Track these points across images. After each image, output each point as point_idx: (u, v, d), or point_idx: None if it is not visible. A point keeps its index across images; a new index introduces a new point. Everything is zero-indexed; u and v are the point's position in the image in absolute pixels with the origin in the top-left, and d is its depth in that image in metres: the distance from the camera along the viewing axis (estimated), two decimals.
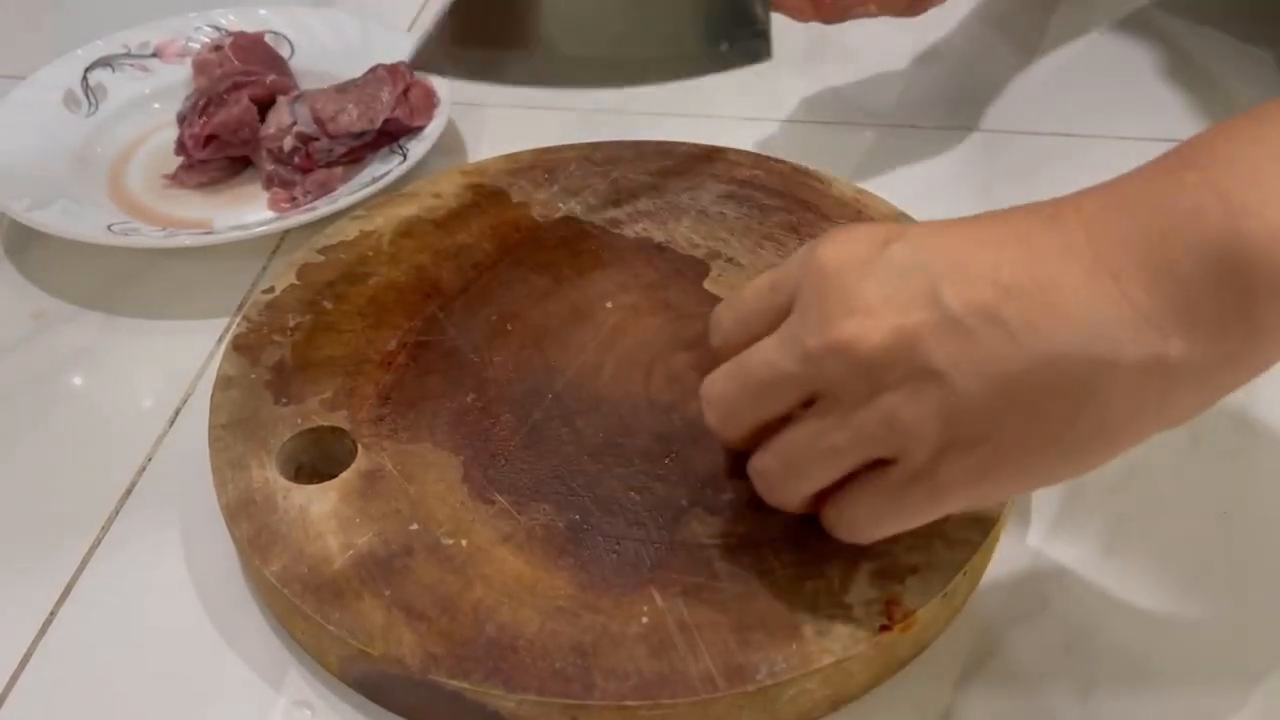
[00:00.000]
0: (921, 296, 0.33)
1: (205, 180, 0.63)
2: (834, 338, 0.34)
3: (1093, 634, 0.42)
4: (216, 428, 0.45)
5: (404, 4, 0.78)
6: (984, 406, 0.33)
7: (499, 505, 0.42)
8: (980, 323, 0.32)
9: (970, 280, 0.33)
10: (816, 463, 0.37)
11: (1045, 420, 0.33)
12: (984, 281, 0.33)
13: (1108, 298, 0.32)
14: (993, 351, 0.32)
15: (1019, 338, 0.32)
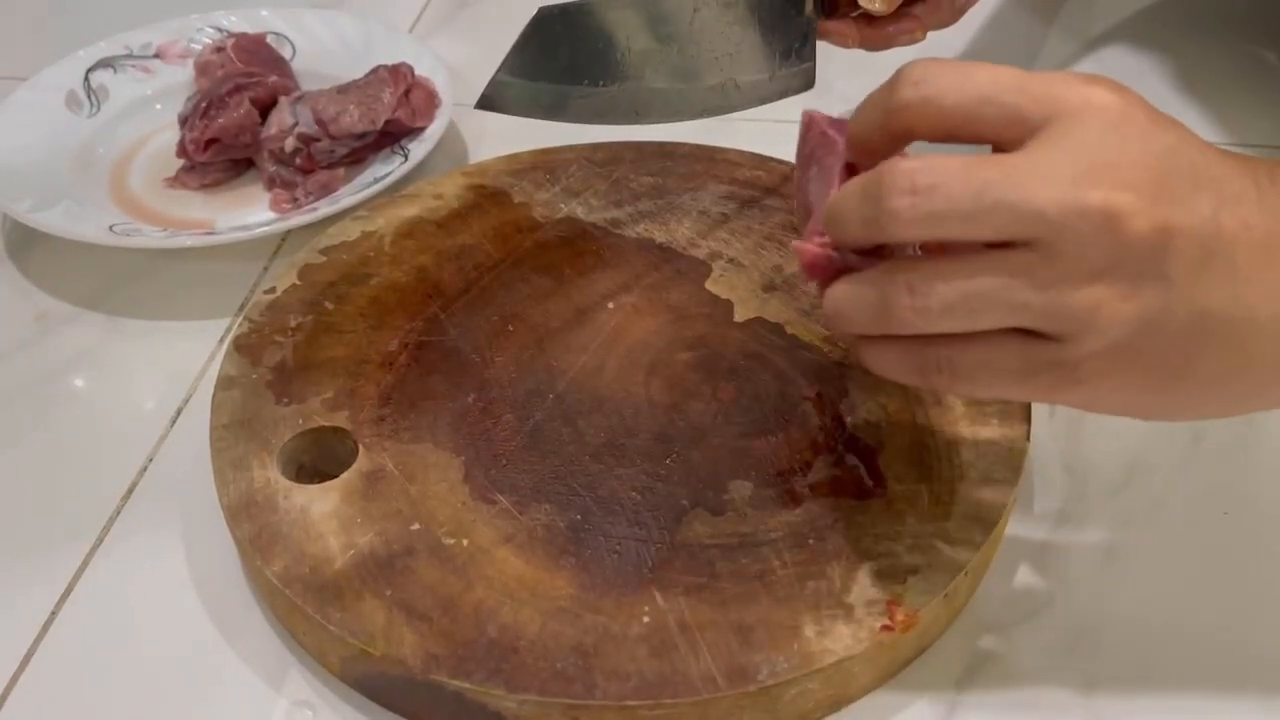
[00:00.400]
0: (1193, 198, 0.32)
1: (207, 182, 0.63)
2: (1102, 204, 0.31)
3: (1095, 634, 0.42)
4: (218, 428, 0.45)
5: (406, 6, 0.78)
6: (1180, 331, 0.32)
7: (500, 505, 0.42)
8: (1224, 249, 0.32)
9: (1235, 203, 0.32)
10: (993, 311, 0.32)
11: (1217, 364, 0.33)
12: (1242, 210, 0.32)
13: None
14: (1217, 283, 0.32)
15: (1243, 281, 0.32)
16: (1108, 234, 0.31)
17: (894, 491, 0.42)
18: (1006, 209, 0.31)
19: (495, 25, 0.76)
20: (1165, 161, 0.32)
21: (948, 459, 0.43)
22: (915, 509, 0.42)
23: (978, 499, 0.42)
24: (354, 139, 0.62)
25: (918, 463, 0.43)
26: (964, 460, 0.43)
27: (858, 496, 0.42)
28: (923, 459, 0.43)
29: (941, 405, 0.45)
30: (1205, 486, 0.47)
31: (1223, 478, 0.47)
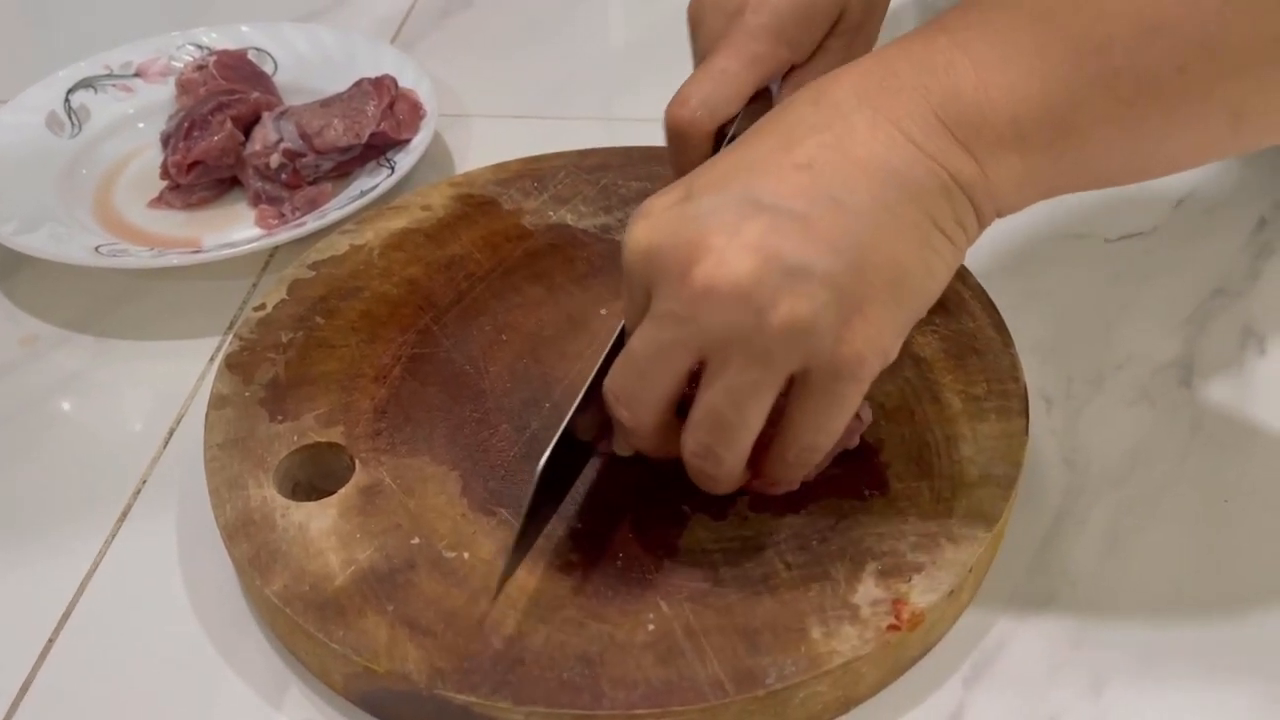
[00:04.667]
0: (746, 211, 0.34)
1: (192, 201, 0.62)
2: (697, 287, 0.34)
3: (1100, 627, 0.41)
4: (212, 447, 0.45)
5: (387, 18, 0.78)
6: (850, 271, 0.34)
7: (500, 517, 0.42)
8: (807, 204, 0.34)
9: (777, 173, 0.34)
10: (743, 408, 0.36)
11: (898, 257, 0.35)
12: (788, 168, 0.34)
13: (895, 142, 0.34)
14: (830, 223, 0.34)
15: (844, 201, 0.34)
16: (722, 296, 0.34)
17: (895, 490, 0.42)
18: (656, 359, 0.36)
19: (477, 35, 0.77)
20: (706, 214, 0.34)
21: (948, 456, 0.43)
22: (917, 507, 0.41)
23: (980, 495, 0.42)
24: (339, 153, 0.61)
25: (918, 460, 0.43)
26: (964, 456, 0.43)
27: (859, 496, 0.42)
28: (923, 456, 0.43)
29: (939, 402, 0.45)
30: (1205, 476, 0.47)
31: (1221, 467, 0.47)
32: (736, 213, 0.34)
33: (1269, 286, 0.55)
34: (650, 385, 0.36)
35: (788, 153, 0.35)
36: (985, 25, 0.35)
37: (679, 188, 0.36)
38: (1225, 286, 0.55)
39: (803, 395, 0.36)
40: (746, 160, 0.35)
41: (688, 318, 0.34)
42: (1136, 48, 0.33)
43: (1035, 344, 0.51)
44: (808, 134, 0.35)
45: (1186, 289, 0.55)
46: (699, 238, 0.34)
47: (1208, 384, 0.50)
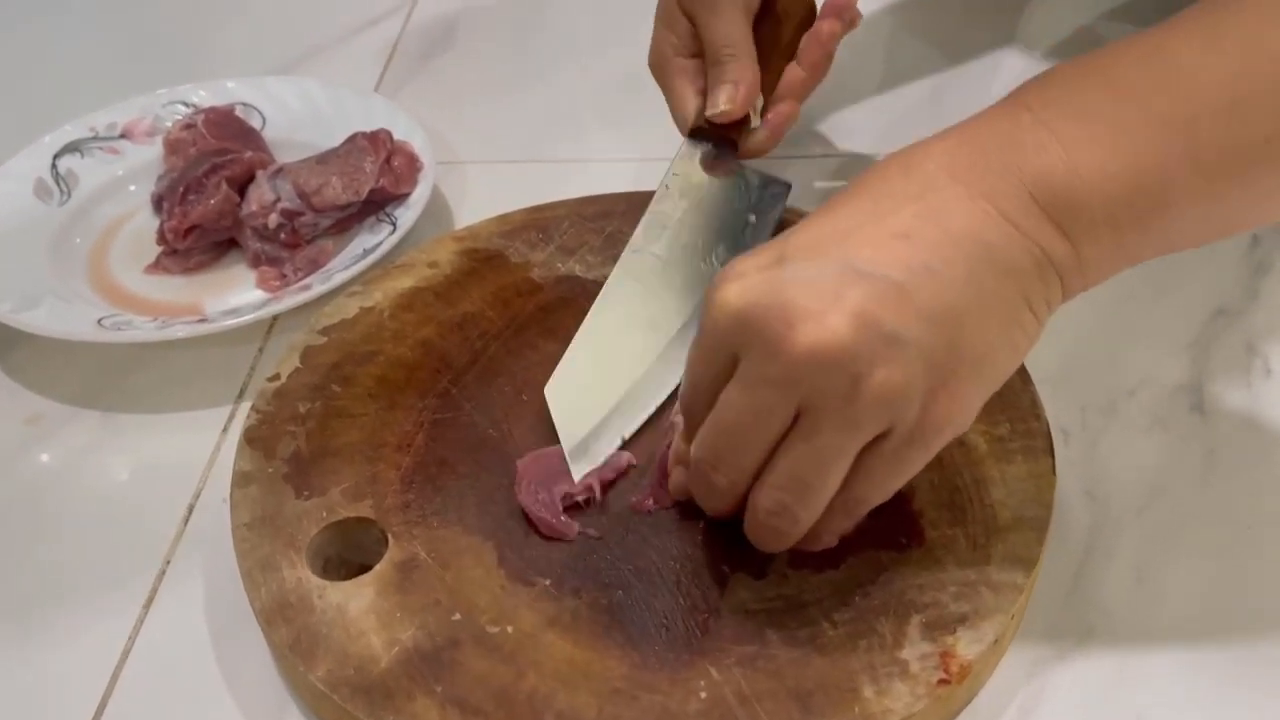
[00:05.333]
0: (846, 279, 0.34)
1: (190, 266, 0.61)
2: (798, 350, 0.34)
3: (1140, 663, 0.42)
4: (240, 528, 0.44)
5: (368, 66, 0.78)
6: (943, 343, 0.35)
7: (539, 587, 0.42)
8: (905, 273, 0.34)
9: (874, 242, 0.35)
10: (826, 470, 0.36)
11: (988, 332, 0.35)
12: (885, 237, 0.35)
13: (990, 218, 0.35)
14: (927, 294, 0.34)
15: (940, 272, 0.34)
16: (823, 360, 0.34)
17: (931, 539, 0.42)
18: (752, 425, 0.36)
19: (462, 78, 0.77)
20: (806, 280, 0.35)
21: (979, 500, 0.43)
22: (954, 555, 0.42)
23: (1014, 539, 0.42)
24: (338, 210, 0.61)
25: (950, 506, 0.43)
26: (995, 500, 0.43)
27: (896, 547, 0.42)
28: (954, 501, 0.43)
29: (965, 445, 0.45)
30: (1225, 503, 0.47)
31: (1241, 492, 0.48)
32: (836, 278, 0.34)
33: (1268, 304, 0.56)
34: (747, 449, 0.37)
35: (883, 222, 0.35)
36: (1070, 104, 0.35)
37: (771, 250, 0.36)
38: (1225, 306, 0.56)
39: (872, 457, 0.36)
40: (841, 227, 0.36)
41: (786, 381, 0.35)
42: (1223, 122, 0.34)
43: (1045, 374, 0.51)
44: (902, 204, 0.35)
45: (1188, 310, 0.56)
46: (798, 302, 0.34)
47: (1219, 407, 0.51)
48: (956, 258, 0.35)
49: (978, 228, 0.35)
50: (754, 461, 0.37)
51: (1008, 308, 0.35)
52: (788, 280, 0.35)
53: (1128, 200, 0.35)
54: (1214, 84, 0.35)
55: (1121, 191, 0.35)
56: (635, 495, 0.44)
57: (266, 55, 0.79)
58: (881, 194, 0.36)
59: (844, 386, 0.34)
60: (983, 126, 0.37)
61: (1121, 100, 0.35)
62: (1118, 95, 0.35)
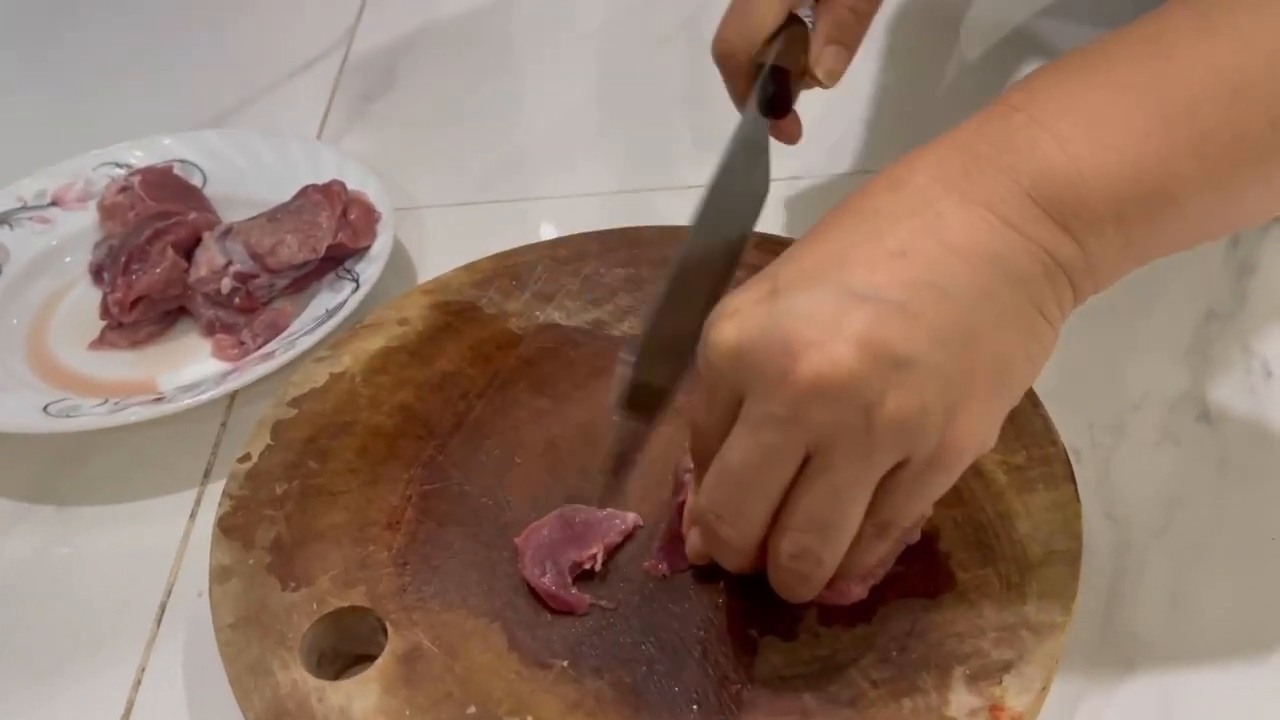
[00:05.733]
0: (844, 303, 0.32)
1: (138, 339, 0.58)
2: (803, 385, 0.32)
3: (1185, 690, 0.40)
4: (224, 629, 0.41)
5: (308, 112, 0.74)
6: (955, 362, 0.33)
7: (556, 669, 0.39)
8: (908, 293, 0.32)
9: (870, 263, 0.33)
10: (846, 506, 0.34)
11: (1001, 345, 0.33)
12: (881, 257, 0.33)
13: (991, 226, 0.33)
14: (934, 312, 0.32)
15: (945, 288, 0.32)
16: (829, 391, 0.32)
17: (962, 581, 0.40)
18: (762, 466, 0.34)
19: (406, 119, 0.74)
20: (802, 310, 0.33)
21: (1006, 536, 0.42)
22: (989, 597, 0.40)
23: (1048, 575, 0.40)
24: (294, 270, 0.58)
25: (978, 544, 0.41)
26: (1023, 534, 0.42)
27: (928, 594, 0.40)
28: (981, 540, 0.42)
29: (984, 477, 0.44)
30: (1245, 515, 0.46)
31: (1260, 500, 0.46)
32: (834, 305, 0.32)
33: (1257, 304, 0.55)
34: (757, 496, 0.35)
35: (878, 241, 0.33)
36: (1064, 101, 0.34)
37: (762, 283, 0.34)
38: (1215, 309, 0.55)
39: (894, 485, 0.34)
40: (833, 251, 0.34)
41: (792, 418, 0.32)
42: (1224, 111, 0.33)
43: (1049, 393, 0.50)
44: (896, 221, 0.33)
45: (1179, 317, 0.55)
46: (798, 333, 0.32)
47: (1225, 415, 0.50)
48: (960, 271, 0.33)
49: (979, 237, 0.33)
50: (766, 509, 0.35)
51: (1020, 317, 0.34)
52: (784, 312, 0.33)
53: (1132, 194, 0.33)
54: (1212, 74, 0.33)
55: (1125, 186, 0.33)
56: (646, 559, 0.42)
57: (198, 109, 0.75)
58: (871, 213, 0.34)
59: (856, 417, 0.32)
60: (971, 133, 0.35)
61: (1117, 95, 0.34)
62: (1113, 90, 0.34)
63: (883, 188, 0.34)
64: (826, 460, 0.33)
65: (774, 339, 0.32)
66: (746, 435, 0.34)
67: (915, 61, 0.72)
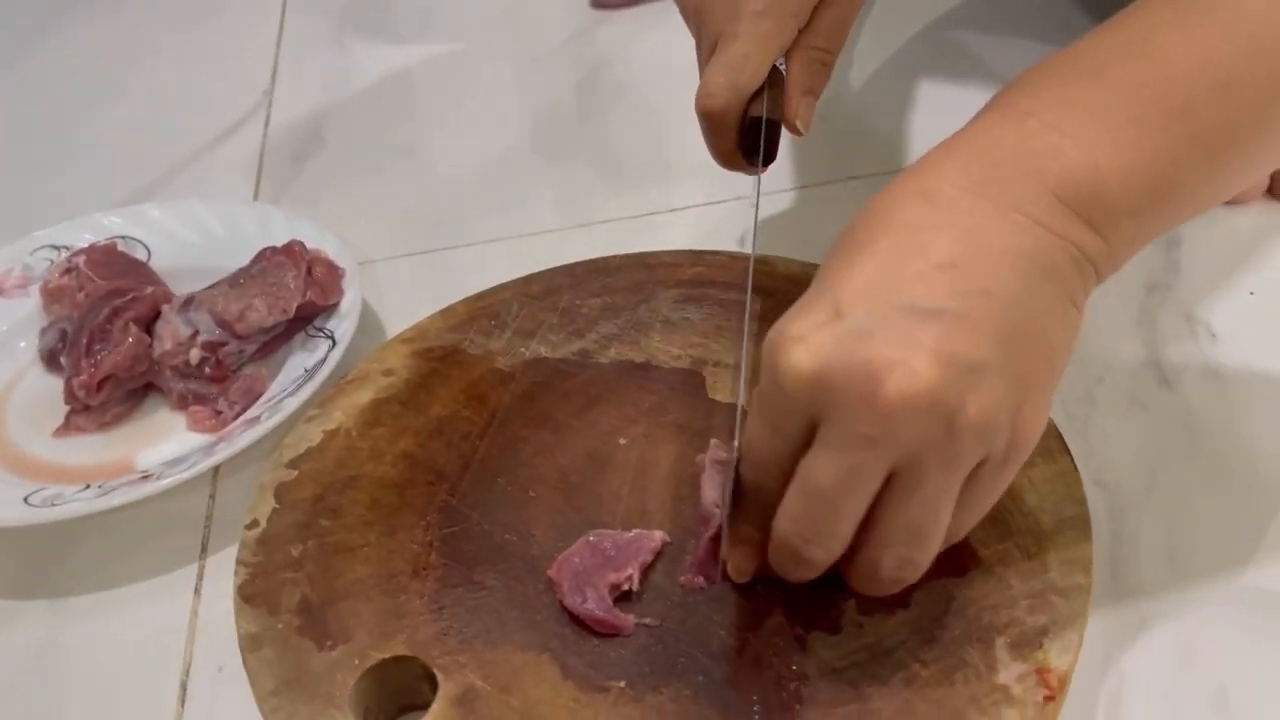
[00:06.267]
0: (915, 321, 0.34)
1: (106, 420, 0.56)
2: (891, 404, 0.33)
3: (1200, 640, 0.43)
4: (267, 697, 0.40)
5: (235, 181, 0.73)
6: (1017, 359, 0.35)
7: (614, 691, 0.39)
8: (964, 302, 0.34)
9: (924, 277, 0.35)
10: (940, 513, 0.36)
11: (1048, 336, 0.36)
12: (932, 271, 0.35)
13: (1025, 228, 0.35)
14: (989, 316, 0.34)
15: (994, 292, 0.35)
16: (917, 408, 0.33)
17: (986, 557, 0.42)
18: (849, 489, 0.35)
19: (341, 175, 0.73)
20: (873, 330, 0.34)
21: (1018, 510, 0.44)
22: (1013, 568, 0.42)
23: (1064, 541, 0.42)
24: (264, 334, 0.57)
25: (993, 521, 0.43)
26: (1032, 506, 0.44)
27: (958, 573, 0.42)
28: (996, 517, 0.43)
29: None
30: (1218, 465, 0.49)
31: (1229, 453, 0.50)
32: (904, 323, 0.34)
33: (1190, 272, 0.59)
34: (847, 516, 0.36)
35: (925, 255, 0.35)
36: (1073, 104, 0.36)
37: (821, 305, 0.35)
38: (1154, 281, 0.59)
39: (973, 485, 0.36)
40: (883, 269, 0.35)
41: (881, 437, 0.34)
42: (1217, 102, 0.35)
43: None
44: (937, 234, 0.35)
45: (1121, 292, 0.58)
46: (877, 354, 0.33)
47: (1182, 377, 0.53)
48: (1007, 275, 0.35)
49: (1017, 241, 0.35)
50: (853, 526, 0.36)
51: (1059, 308, 0.36)
52: (856, 334, 0.34)
53: (1144, 188, 0.36)
54: (1201, 68, 0.36)
55: (1138, 182, 0.36)
56: (681, 574, 0.43)
57: (122, 184, 0.74)
58: (910, 227, 0.36)
59: (941, 428, 0.34)
60: (987, 139, 0.37)
61: (1118, 94, 0.36)
62: (1113, 89, 0.36)
63: (914, 201, 0.36)
64: (917, 473, 0.35)
65: (854, 362, 0.34)
66: (833, 458, 0.35)
67: None
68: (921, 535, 0.36)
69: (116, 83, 0.86)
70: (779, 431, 0.36)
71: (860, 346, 0.34)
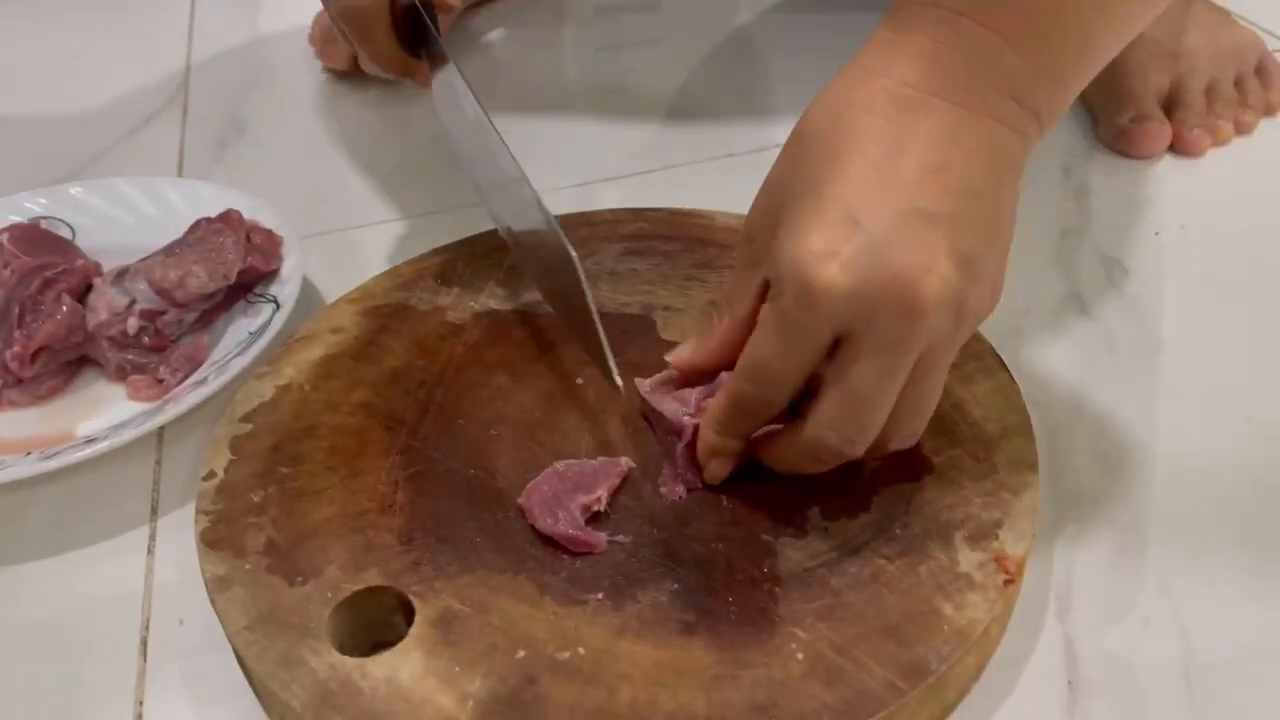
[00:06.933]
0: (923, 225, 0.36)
1: (41, 394, 0.55)
2: (927, 307, 0.36)
3: (1137, 534, 0.45)
4: (240, 633, 0.40)
5: (156, 165, 0.72)
6: (998, 250, 0.39)
7: (592, 603, 0.40)
8: (957, 203, 0.37)
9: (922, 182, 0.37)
10: (938, 389, 0.39)
11: (1009, 221, 0.39)
12: (928, 175, 0.37)
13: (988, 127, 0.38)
14: (977, 215, 0.37)
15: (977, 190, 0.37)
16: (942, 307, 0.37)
17: (939, 464, 0.44)
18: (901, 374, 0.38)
19: (264, 160, 0.73)
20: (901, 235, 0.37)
21: (964, 421, 0.46)
22: (965, 472, 0.44)
23: (1010, 445, 0.45)
24: (203, 301, 0.56)
25: (942, 432, 0.45)
26: (977, 418, 0.46)
27: (913, 479, 0.44)
28: (944, 428, 0.45)
29: None
30: (1140, 382, 0.52)
31: (1150, 371, 0.53)
32: (916, 228, 0.36)
33: (1099, 219, 0.63)
34: (883, 412, 0.38)
35: (916, 159, 0.37)
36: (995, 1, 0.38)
37: (834, 217, 0.36)
38: (1067, 227, 0.62)
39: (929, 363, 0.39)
40: (880, 174, 0.37)
41: (916, 339, 0.36)
42: None
43: None
44: (919, 138, 0.37)
45: (1039, 237, 0.61)
46: (910, 261, 0.36)
47: (1101, 308, 0.57)
48: (985, 174, 0.37)
49: (987, 140, 0.38)
50: (881, 425, 0.39)
51: (1015, 193, 0.39)
52: (880, 245, 0.36)
53: (1073, 65, 0.39)
54: None
55: (1067, 59, 0.39)
56: (660, 487, 0.44)
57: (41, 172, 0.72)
58: (890, 132, 0.37)
59: (954, 320, 0.37)
60: (931, 41, 0.38)
61: None
62: None
63: (884, 103, 0.37)
64: (933, 360, 0.38)
65: (888, 274, 0.36)
66: (874, 363, 0.37)
67: None
68: (926, 410, 0.40)
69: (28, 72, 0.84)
70: (802, 346, 0.38)
71: (889, 257, 0.36)
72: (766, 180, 0.40)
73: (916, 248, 0.36)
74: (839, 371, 0.38)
